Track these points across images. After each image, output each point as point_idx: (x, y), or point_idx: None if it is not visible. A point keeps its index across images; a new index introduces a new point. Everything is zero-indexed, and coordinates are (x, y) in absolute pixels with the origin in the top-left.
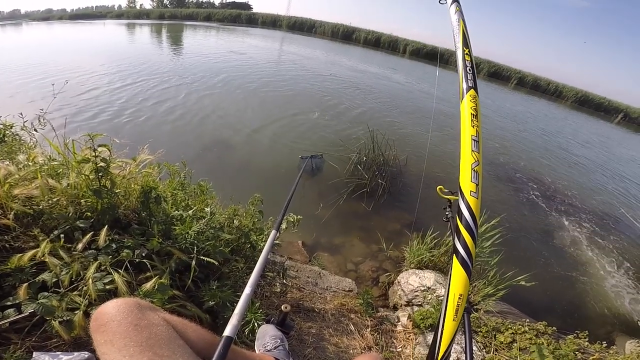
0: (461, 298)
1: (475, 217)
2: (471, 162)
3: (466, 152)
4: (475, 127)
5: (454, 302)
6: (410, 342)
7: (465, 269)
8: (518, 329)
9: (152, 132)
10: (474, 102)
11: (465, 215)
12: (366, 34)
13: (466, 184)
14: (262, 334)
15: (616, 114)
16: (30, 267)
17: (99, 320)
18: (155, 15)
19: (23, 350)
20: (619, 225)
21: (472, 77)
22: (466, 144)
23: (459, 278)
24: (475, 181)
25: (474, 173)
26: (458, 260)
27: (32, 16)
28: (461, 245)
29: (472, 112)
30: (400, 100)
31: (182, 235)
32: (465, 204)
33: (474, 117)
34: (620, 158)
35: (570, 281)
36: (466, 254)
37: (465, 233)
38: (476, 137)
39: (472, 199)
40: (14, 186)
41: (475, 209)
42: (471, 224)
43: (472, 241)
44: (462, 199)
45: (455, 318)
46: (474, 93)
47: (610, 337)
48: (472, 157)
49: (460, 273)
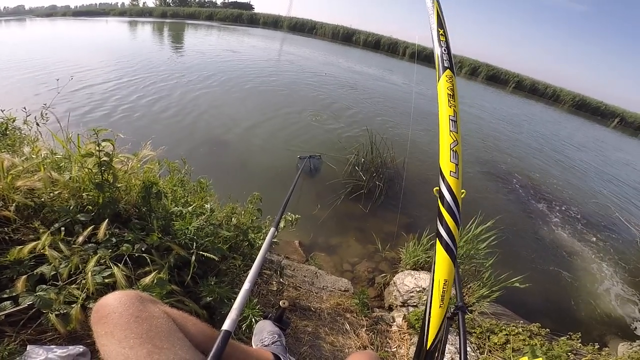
0: (446, 284)
1: (457, 198)
2: (450, 142)
3: (444, 132)
4: (452, 107)
5: (440, 289)
6: (405, 342)
7: (449, 253)
8: (512, 330)
9: (155, 128)
10: (451, 82)
11: (446, 196)
12: (366, 36)
13: (446, 165)
14: (260, 330)
15: (612, 118)
16: (30, 259)
17: (100, 312)
18: (157, 14)
19: (17, 343)
20: (613, 229)
21: (448, 57)
22: (444, 124)
23: (443, 263)
24: (454, 161)
25: (452, 153)
26: (442, 245)
27: (36, 12)
28: (444, 228)
29: (448, 93)
30: (396, 101)
31: (182, 231)
32: (446, 185)
33: (450, 97)
34: (616, 162)
35: (564, 283)
36: (449, 237)
37: (447, 216)
38: (454, 117)
39: (452, 179)
40: (16, 178)
41: (456, 190)
42: (452, 206)
43: (454, 224)
44: (443, 180)
45: (442, 305)
46: (450, 73)
47: (603, 339)
48: (451, 137)
49: (444, 258)
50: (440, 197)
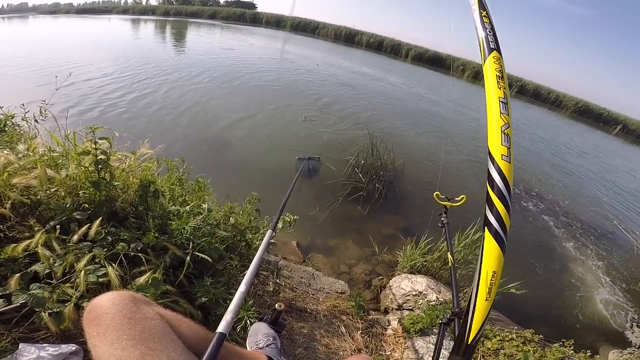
0: (494, 276)
1: (509, 183)
2: (501, 125)
3: (494, 115)
4: (502, 89)
5: (487, 281)
6: (399, 346)
7: (499, 242)
8: (506, 336)
9: (154, 126)
10: (499, 63)
11: (497, 181)
12: (368, 37)
13: (496, 148)
14: (255, 332)
15: (615, 125)
16: (24, 257)
17: (93, 313)
18: (160, 12)
19: (9, 341)
20: (611, 237)
21: (494, 38)
22: (494, 106)
23: (492, 253)
24: (506, 144)
25: (504, 136)
26: (490, 233)
27: (39, 9)
28: (494, 216)
29: (497, 74)
30: (397, 104)
31: (179, 231)
32: (497, 169)
33: (499, 79)
34: (615, 168)
35: (559, 290)
36: (500, 226)
37: (498, 202)
38: (504, 99)
39: (504, 162)
40: (12, 175)
41: (508, 174)
42: (504, 191)
43: (505, 211)
44: (493, 164)
45: (489, 298)
46: (497, 54)
47: (595, 346)
48: (502, 120)
49: (494, 248)
50: (490, 182)
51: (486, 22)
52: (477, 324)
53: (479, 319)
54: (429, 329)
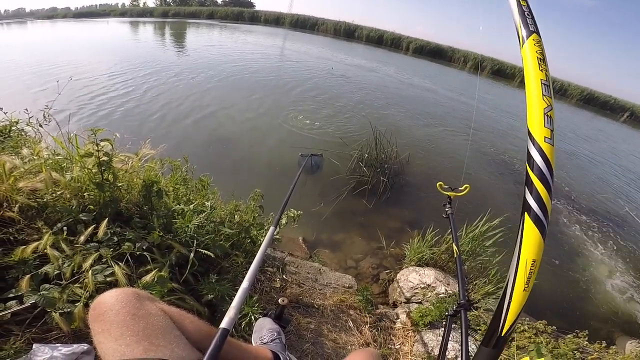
0: (534, 264)
1: (551, 165)
2: (543, 107)
3: (536, 97)
4: (543, 71)
5: (526, 269)
6: (408, 340)
7: (539, 227)
8: (517, 328)
9: (156, 127)
10: (539, 46)
11: (538, 163)
12: (369, 32)
13: (539, 130)
14: (259, 327)
15: (622, 113)
16: (34, 259)
17: (97, 310)
18: (158, 14)
19: (23, 341)
20: (622, 224)
21: (532, 21)
22: (535, 89)
23: (532, 240)
24: (549, 127)
25: (547, 118)
26: (531, 218)
27: (36, 14)
28: (534, 199)
29: (538, 57)
30: (399, 96)
31: (183, 229)
32: (539, 151)
33: (541, 61)
34: (625, 155)
35: (572, 280)
36: (541, 210)
37: (540, 184)
38: (546, 82)
39: (547, 145)
40: (19, 179)
41: (551, 157)
42: (546, 174)
43: (547, 194)
44: (534, 145)
45: (527, 288)
46: (537, 37)
47: (611, 337)
48: (544, 102)
49: (534, 234)
50: (530, 164)
51: (524, 5)
52: (513, 315)
53: (515, 310)
54: (438, 322)
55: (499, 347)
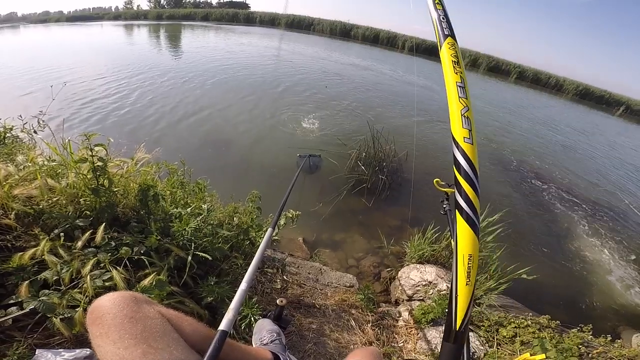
0: (471, 259)
1: (474, 164)
2: (460, 109)
3: (453, 100)
4: (458, 74)
5: (465, 265)
6: (411, 337)
7: (471, 225)
8: (521, 323)
9: (151, 130)
10: (453, 48)
11: (462, 164)
12: (364, 31)
13: (458, 131)
14: (259, 328)
15: (617, 107)
16: (32, 265)
17: (95, 313)
18: (152, 16)
19: (26, 347)
20: (623, 217)
21: (447, 25)
22: (452, 92)
23: (465, 236)
24: (467, 127)
25: (464, 119)
26: (462, 217)
27: (29, 19)
28: (463, 199)
29: (453, 60)
30: (394, 94)
31: (180, 232)
32: (461, 152)
33: (455, 64)
34: (622, 148)
35: (575, 274)
36: (470, 208)
37: (466, 184)
38: (461, 84)
39: (467, 145)
40: (14, 187)
41: (472, 156)
42: (470, 173)
43: (474, 193)
44: (457, 147)
45: (469, 282)
46: (452, 40)
47: (616, 331)
48: (461, 104)
49: (466, 231)
50: (456, 165)
51: (439, 9)
52: (461, 309)
53: (463, 304)
54: (440, 319)
55: (458, 341)
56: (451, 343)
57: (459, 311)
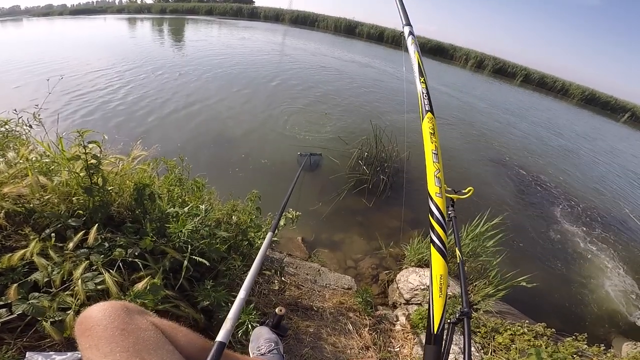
0: (442, 277)
1: (443, 212)
2: (434, 171)
3: (429, 163)
4: (434, 143)
5: (438, 282)
6: (408, 342)
7: (442, 255)
8: (517, 330)
9: (148, 127)
10: (431, 122)
11: (435, 213)
12: (369, 28)
13: (432, 188)
14: (257, 337)
15: (623, 113)
16: (22, 266)
17: (84, 324)
18: (156, 10)
19: (15, 350)
20: (623, 226)
21: (429, 102)
22: (429, 157)
23: (438, 262)
24: (438, 185)
25: (436, 179)
26: (435, 249)
27: (32, 12)
28: (436, 237)
29: (430, 131)
30: (398, 93)
31: (176, 234)
32: (434, 204)
33: (432, 135)
34: (625, 155)
35: (571, 282)
36: (440, 243)
37: (438, 227)
38: (435, 151)
39: (438, 199)
40: (4, 184)
41: (442, 207)
42: (440, 219)
43: (443, 232)
44: (431, 200)
45: (441, 295)
46: (431, 115)
47: (609, 339)
48: (434, 167)
49: (438, 258)
50: (431, 213)
51: (423, 87)
52: (437, 316)
53: (438, 312)
54: None
55: (437, 342)
56: (432, 345)
57: (436, 318)
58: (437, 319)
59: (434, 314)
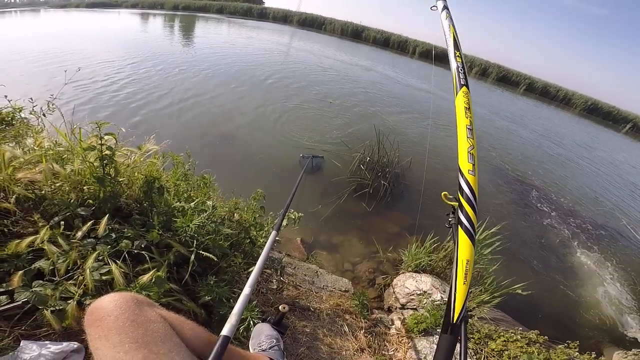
0: (468, 263)
1: (474, 191)
2: (467, 147)
3: (462, 138)
4: (468, 118)
5: (463, 268)
6: (402, 346)
7: (469, 237)
8: (510, 337)
9: (160, 121)
10: (466, 97)
11: (465, 190)
12: (375, 33)
13: (464, 165)
14: (258, 333)
15: (625, 124)
16: (27, 253)
17: (95, 315)
18: (169, 6)
19: (11, 338)
20: (619, 237)
21: (464, 76)
22: (462, 132)
23: (465, 246)
24: (471, 162)
25: (470, 155)
26: (463, 230)
27: (50, 3)
28: (464, 217)
29: (465, 106)
30: (402, 100)
31: (183, 228)
32: (465, 181)
33: (467, 110)
34: (626, 167)
35: (565, 291)
36: (469, 223)
37: (467, 206)
38: (470, 126)
39: (471, 176)
40: (17, 169)
41: (474, 184)
42: (471, 198)
43: (473, 212)
44: (462, 177)
45: (465, 282)
46: (466, 89)
47: (600, 347)
48: (468, 143)
49: (466, 241)
50: (460, 190)
51: (459, 61)
52: (458, 305)
53: (460, 301)
54: (432, 329)
55: (455, 332)
56: (448, 335)
57: (457, 307)
58: (458, 308)
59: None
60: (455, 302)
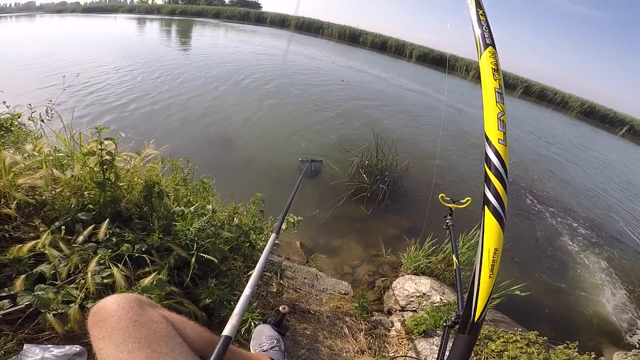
0: (496, 253)
1: (505, 163)
2: (497, 112)
3: (491, 103)
4: (497, 80)
5: (490, 258)
6: (402, 348)
7: (498, 219)
8: (510, 338)
9: (159, 127)
10: (494, 57)
11: (494, 162)
12: (373, 37)
13: (493, 133)
14: (258, 334)
15: (621, 126)
16: (29, 258)
17: (98, 315)
18: (166, 11)
19: (14, 342)
20: (616, 239)
21: (489, 34)
22: (490, 96)
23: (492, 231)
24: (502, 129)
25: (500, 122)
26: (490, 210)
27: (46, 9)
28: (492, 193)
29: (492, 67)
30: (404, 104)
31: (183, 232)
32: (494, 151)
33: (495, 71)
34: (622, 169)
35: (564, 291)
36: (498, 203)
37: (496, 181)
38: (499, 90)
39: (501, 146)
40: (18, 175)
41: (504, 156)
42: (501, 171)
43: (503, 189)
44: (490, 146)
45: (492, 275)
46: (492, 49)
47: (599, 348)
48: (497, 108)
49: (494, 225)
50: (487, 163)
51: (482, 20)
52: (482, 302)
53: (484, 297)
54: (432, 331)
55: (475, 332)
56: (467, 335)
57: (480, 304)
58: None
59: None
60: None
